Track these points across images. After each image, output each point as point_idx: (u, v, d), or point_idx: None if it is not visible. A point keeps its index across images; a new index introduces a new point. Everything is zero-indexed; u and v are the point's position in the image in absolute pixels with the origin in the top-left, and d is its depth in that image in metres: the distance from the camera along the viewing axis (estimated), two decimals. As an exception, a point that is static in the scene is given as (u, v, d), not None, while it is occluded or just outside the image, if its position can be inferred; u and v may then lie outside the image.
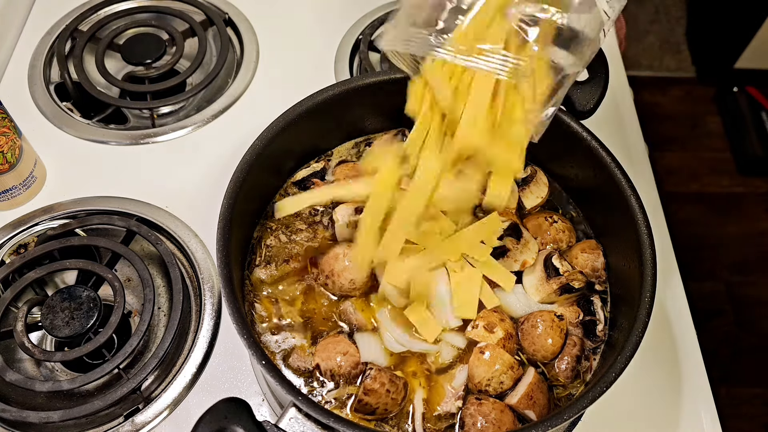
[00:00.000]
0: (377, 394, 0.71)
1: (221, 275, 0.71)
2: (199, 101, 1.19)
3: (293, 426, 0.64)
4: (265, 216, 0.87)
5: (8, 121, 0.93)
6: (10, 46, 1.20)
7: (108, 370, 0.83)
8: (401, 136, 0.92)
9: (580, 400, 0.65)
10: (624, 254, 0.78)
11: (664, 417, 0.87)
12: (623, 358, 0.67)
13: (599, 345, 0.78)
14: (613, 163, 0.79)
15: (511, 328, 0.76)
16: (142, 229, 0.94)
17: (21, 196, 1.00)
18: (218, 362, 0.88)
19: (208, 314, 0.90)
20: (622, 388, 0.68)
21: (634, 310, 0.71)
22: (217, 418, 0.60)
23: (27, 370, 0.90)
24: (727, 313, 2.14)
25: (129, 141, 1.09)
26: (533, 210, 0.87)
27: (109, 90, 1.17)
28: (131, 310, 0.95)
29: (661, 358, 0.91)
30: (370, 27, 1.22)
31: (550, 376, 0.76)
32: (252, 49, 1.21)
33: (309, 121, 0.84)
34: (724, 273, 2.22)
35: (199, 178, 1.05)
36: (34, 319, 0.89)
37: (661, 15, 2.78)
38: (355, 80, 0.86)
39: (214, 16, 1.24)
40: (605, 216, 0.84)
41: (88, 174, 1.05)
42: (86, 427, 0.84)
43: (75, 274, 0.96)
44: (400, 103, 0.90)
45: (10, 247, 0.95)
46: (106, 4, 1.25)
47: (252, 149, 0.79)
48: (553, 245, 0.83)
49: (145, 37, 1.22)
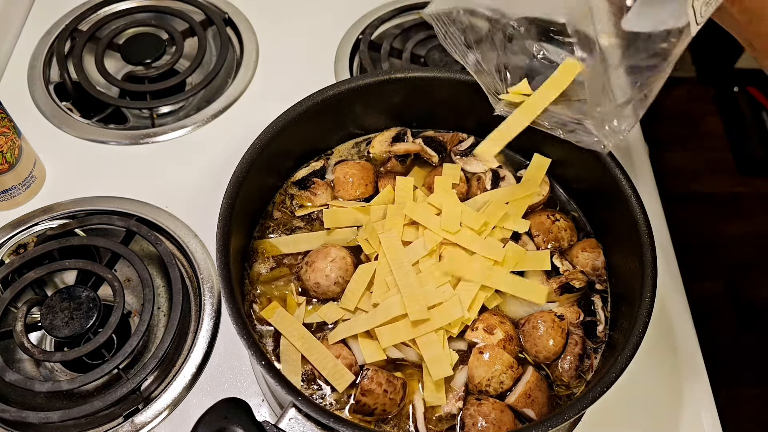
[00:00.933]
0: (374, 394, 0.70)
1: (221, 275, 0.71)
2: (199, 101, 1.19)
3: (293, 426, 0.64)
4: (265, 216, 0.87)
5: (8, 121, 0.93)
6: (10, 46, 1.20)
7: (107, 370, 0.83)
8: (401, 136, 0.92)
9: (581, 400, 0.65)
10: (624, 254, 0.78)
11: (664, 417, 0.87)
12: (623, 358, 0.67)
13: (600, 345, 0.78)
14: (613, 163, 0.79)
15: (511, 330, 0.76)
16: (141, 229, 0.94)
17: (20, 196, 1.00)
18: (218, 362, 0.88)
19: (208, 314, 0.90)
20: (623, 388, 0.68)
21: (635, 310, 0.71)
22: (216, 418, 0.60)
23: (26, 370, 0.90)
24: (727, 313, 2.14)
25: (129, 141, 1.08)
26: (535, 208, 0.87)
27: (109, 90, 1.17)
28: (131, 310, 0.94)
29: (661, 358, 0.91)
30: (370, 27, 1.22)
31: (554, 376, 0.76)
32: (252, 49, 1.21)
33: (309, 120, 0.84)
34: (724, 273, 2.22)
35: (198, 178, 1.04)
36: (33, 319, 0.89)
37: (661, 15, 2.78)
38: (355, 80, 0.86)
39: (213, 16, 1.24)
40: (605, 216, 0.84)
41: (88, 174, 1.05)
42: (86, 427, 0.83)
43: (74, 274, 0.96)
44: (399, 102, 0.90)
45: (10, 247, 0.95)
46: (105, 4, 1.25)
47: (252, 149, 0.79)
48: (555, 243, 0.83)
49: (145, 36, 1.22)
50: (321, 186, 0.88)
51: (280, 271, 0.82)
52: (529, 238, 0.83)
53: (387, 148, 0.91)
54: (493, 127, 0.91)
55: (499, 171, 0.88)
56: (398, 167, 0.91)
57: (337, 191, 0.87)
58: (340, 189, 0.87)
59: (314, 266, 0.78)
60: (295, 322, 0.76)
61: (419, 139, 0.92)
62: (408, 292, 0.74)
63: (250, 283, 0.81)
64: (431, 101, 0.90)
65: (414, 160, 0.92)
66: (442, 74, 0.86)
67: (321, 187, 0.87)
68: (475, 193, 0.86)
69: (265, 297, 0.80)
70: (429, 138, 0.92)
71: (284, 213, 0.87)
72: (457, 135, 0.93)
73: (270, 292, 0.81)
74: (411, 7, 1.26)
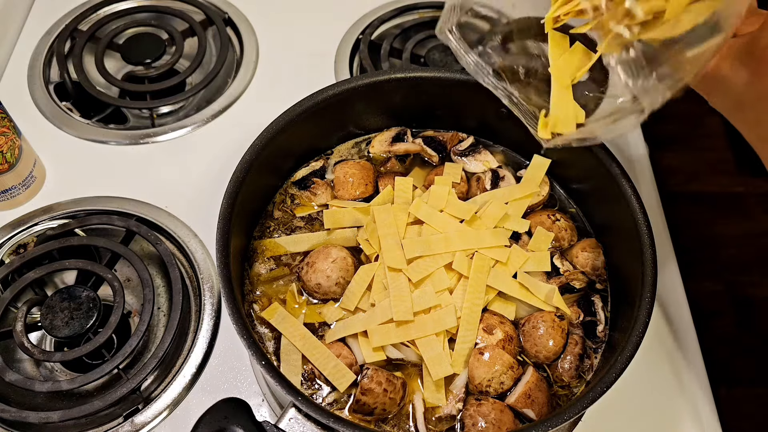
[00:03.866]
0: (374, 393, 0.70)
1: (221, 275, 0.71)
2: (199, 101, 1.19)
3: (293, 426, 0.64)
4: (265, 215, 0.87)
5: (8, 120, 0.93)
6: (10, 46, 1.20)
7: (107, 370, 0.83)
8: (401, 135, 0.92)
9: (581, 400, 0.65)
10: (624, 254, 0.78)
11: (664, 417, 0.87)
12: (623, 358, 0.67)
13: (600, 345, 0.78)
14: (613, 163, 0.79)
15: (511, 330, 0.76)
16: (141, 229, 0.94)
17: (20, 196, 1.00)
18: (218, 362, 0.88)
19: (208, 314, 0.90)
20: (622, 388, 0.68)
21: (635, 310, 0.71)
22: (216, 418, 0.60)
23: (26, 370, 0.90)
24: (727, 313, 2.14)
25: (128, 141, 1.08)
26: (535, 207, 0.87)
27: (109, 90, 1.17)
28: (131, 310, 0.94)
29: (661, 358, 0.91)
30: (370, 27, 1.22)
31: (554, 376, 0.76)
32: (252, 49, 1.21)
33: (309, 120, 0.84)
34: (724, 273, 2.22)
35: (198, 178, 1.04)
36: (33, 319, 0.89)
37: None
38: (355, 80, 0.86)
39: (213, 16, 1.24)
40: (605, 216, 0.84)
41: (88, 174, 1.05)
42: (86, 427, 0.83)
43: (74, 274, 0.96)
44: (399, 102, 0.90)
45: (10, 247, 0.95)
46: (105, 4, 1.25)
47: (252, 149, 0.79)
48: (555, 243, 0.83)
49: (145, 36, 1.22)
50: (321, 186, 0.88)
51: (280, 272, 0.82)
52: (529, 238, 0.83)
53: (387, 147, 0.91)
54: (493, 126, 0.91)
55: (498, 171, 0.88)
56: (398, 167, 0.91)
57: (337, 191, 0.87)
58: (340, 188, 0.87)
59: (315, 267, 0.78)
60: (295, 322, 0.76)
61: (419, 138, 0.92)
62: (396, 294, 0.74)
63: (250, 283, 0.81)
64: (431, 101, 0.90)
65: (414, 159, 0.92)
66: (442, 74, 0.86)
67: (321, 187, 0.87)
68: (475, 193, 0.86)
69: (266, 297, 0.80)
70: (429, 138, 0.92)
71: (284, 213, 0.87)
72: (456, 135, 0.93)
73: (270, 292, 0.81)
74: (411, 7, 1.26)
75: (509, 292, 0.77)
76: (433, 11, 1.27)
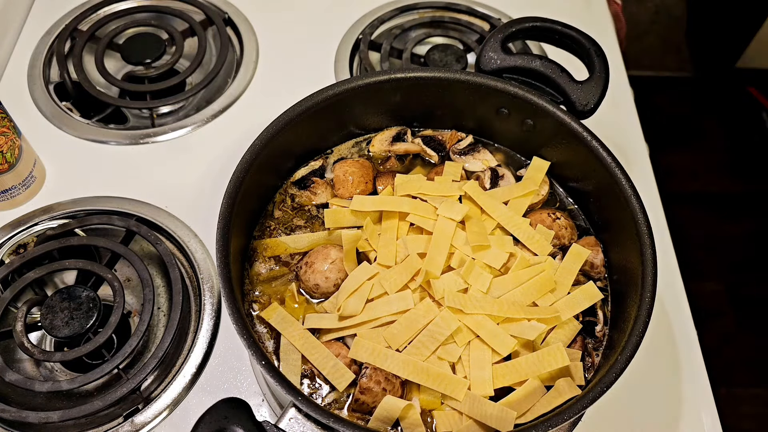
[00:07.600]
0: (373, 392, 0.70)
1: (221, 275, 0.71)
2: (199, 101, 1.19)
3: (293, 426, 0.64)
4: (265, 215, 0.87)
5: (8, 120, 0.93)
6: (10, 46, 1.20)
7: (107, 370, 0.83)
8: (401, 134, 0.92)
9: (581, 400, 0.65)
10: (624, 254, 0.78)
11: (664, 417, 0.87)
12: (623, 359, 0.67)
13: (600, 345, 0.78)
14: (613, 162, 0.79)
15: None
16: (141, 229, 0.94)
17: (20, 196, 1.00)
18: (218, 362, 0.88)
19: (208, 314, 0.90)
20: (622, 388, 0.68)
21: (635, 310, 0.70)
22: (216, 418, 0.60)
23: (26, 370, 0.90)
24: (727, 313, 2.14)
25: (128, 141, 1.08)
26: (535, 206, 0.87)
27: (109, 90, 1.17)
28: (131, 310, 0.94)
29: (661, 358, 0.91)
30: (370, 27, 1.22)
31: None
32: (252, 49, 1.21)
33: (309, 120, 0.84)
34: (724, 273, 2.22)
35: (198, 178, 1.04)
36: (33, 319, 0.89)
37: (661, 15, 2.78)
38: (355, 80, 0.86)
39: (213, 16, 1.24)
40: (605, 216, 0.84)
41: (88, 174, 1.05)
42: (86, 427, 0.83)
43: (74, 274, 0.96)
44: (399, 102, 0.90)
45: (10, 247, 0.95)
46: (105, 4, 1.25)
47: (252, 149, 0.79)
48: (555, 242, 0.83)
49: (145, 36, 1.22)
50: (321, 185, 0.88)
51: (279, 271, 0.82)
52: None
53: (387, 147, 0.91)
54: (493, 126, 0.91)
55: (498, 170, 0.88)
56: (397, 166, 0.91)
57: (337, 190, 0.87)
58: (340, 187, 0.87)
59: (314, 267, 0.78)
60: (294, 322, 0.76)
61: (419, 138, 0.92)
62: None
63: (250, 283, 0.81)
64: (431, 101, 0.90)
65: (414, 159, 0.92)
66: (442, 74, 0.86)
67: (321, 186, 0.87)
68: (475, 193, 0.86)
69: (265, 297, 0.80)
70: (428, 137, 0.92)
71: (284, 212, 0.87)
72: (456, 134, 0.93)
73: (270, 291, 0.81)
74: (411, 7, 1.26)
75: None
76: (433, 11, 1.27)
